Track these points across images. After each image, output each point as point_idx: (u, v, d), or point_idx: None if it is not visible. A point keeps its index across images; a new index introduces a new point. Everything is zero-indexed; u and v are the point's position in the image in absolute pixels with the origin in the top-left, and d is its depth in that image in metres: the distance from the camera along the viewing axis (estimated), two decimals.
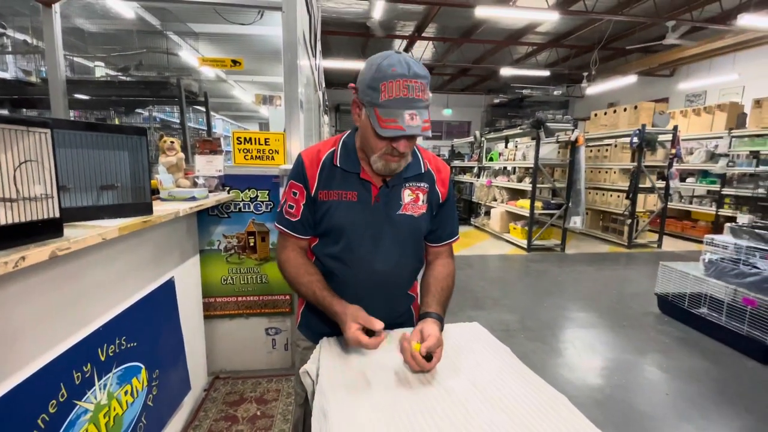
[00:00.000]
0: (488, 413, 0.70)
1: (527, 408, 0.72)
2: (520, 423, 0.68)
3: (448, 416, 0.69)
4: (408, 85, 0.80)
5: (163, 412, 1.48)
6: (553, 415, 0.70)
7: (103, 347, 1.12)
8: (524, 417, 0.69)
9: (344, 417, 0.69)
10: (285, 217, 0.98)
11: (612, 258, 5.21)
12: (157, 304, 1.44)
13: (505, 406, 0.72)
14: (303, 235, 0.99)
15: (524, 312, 3.24)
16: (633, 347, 2.67)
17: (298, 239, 0.99)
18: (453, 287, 1.04)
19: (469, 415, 0.70)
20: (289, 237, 0.99)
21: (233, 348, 2.10)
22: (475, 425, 0.67)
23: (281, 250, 1.01)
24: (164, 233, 1.53)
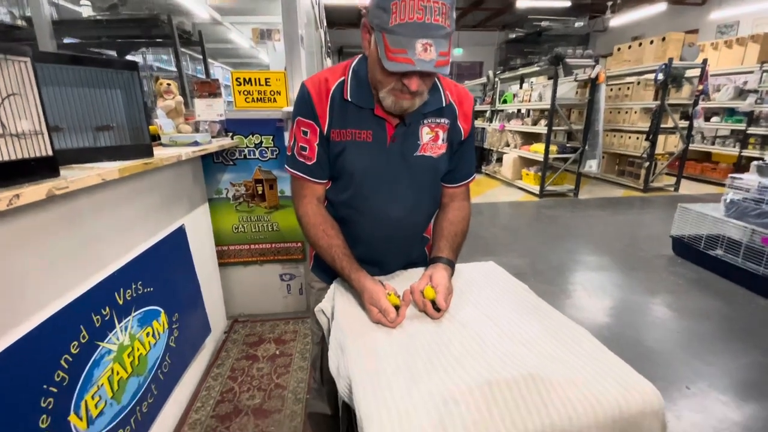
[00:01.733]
0: (506, 345, 0.69)
1: (547, 341, 0.70)
2: (540, 354, 0.67)
3: (465, 348, 0.68)
4: (425, 5, 0.66)
5: (186, 353, 1.54)
6: (575, 348, 0.68)
7: (120, 291, 1.13)
8: (544, 349, 0.68)
9: (361, 349, 0.68)
10: (299, 161, 0.89)
11: (626, 202, 5.11)
12: (170, 251, 1.45)
13: (525, 340, 0.71)
14: (321, 179, 0.91)
15: (535, 256, 3.24)
16: (644, 288, 2.67)
17: (316, 184, 0.92)
18: (467, 231, 0.99)
19: (486, 346, 0.69)
20: (306, 183, 0.91)
21: (250, 293, 2.16)
22: (492, 356, 0.66)
23: (298, 201, 0.94)
24: (170, 180, 1.50)
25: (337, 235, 0.89)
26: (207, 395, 1.63)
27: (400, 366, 0.64)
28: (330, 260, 0.87)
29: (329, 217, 0.92)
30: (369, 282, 0.81)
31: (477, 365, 0.63)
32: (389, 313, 0.74)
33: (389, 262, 0.98)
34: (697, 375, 1.80)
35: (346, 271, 0.84)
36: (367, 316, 0.78)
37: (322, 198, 0.95)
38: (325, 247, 0.87)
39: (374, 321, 0.77)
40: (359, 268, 0.84)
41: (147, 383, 1.24)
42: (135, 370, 1.18)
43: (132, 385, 1.16)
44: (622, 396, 0.58)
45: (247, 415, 1.52)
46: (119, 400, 1.10)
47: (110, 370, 1.07)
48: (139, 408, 1.19)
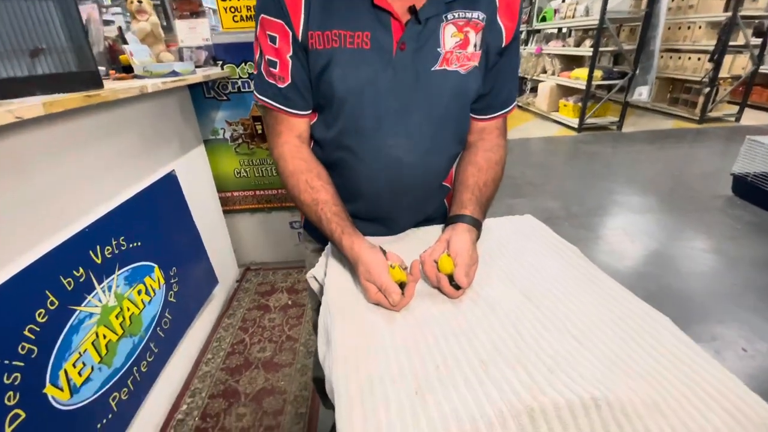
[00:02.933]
0: (553, 341, 0.49)
1: (611, 335, 0.50)
2: (602, 357, 0.47)
3: (494, 344, 0.49)
4: None
5: (190, 306, 1.46)
6: (654, 347, 0.48)
7: (96, 249, 1.00)
8: (609, 348, 0.48)
9: (350, 343, 0.51)
10: (268, 82, 0.66)
11: (678, 135, 4.55)
12: (160, 200, 1.30)
13: (579, 332, 0.51)
14: (301, 108, 0.68)
15: (570, 198, 2.94)
16: (696, 233, 2.38)
17: (294, 117, 0.68)
18: (500, 181, 0.74)
19: (525, 344, 0.49)
20: (280, 115, 0.68)
21: (260, 242, 2.05)
22: (534, 360, 0.47)
23: (272, 140, 0.71)
24: (151, 118, 1.30)
25: (324, 188, 0.67)
26: (218, 347, 1.58)
27: (404, 371, 0.46)
28: (315, 220, 0.66)
29: (314, 163, 0.70)
30: (365, 250, 0.60)
31: (512, 376, 0.44)
32: (391, 294, 0.55)
33: (397, 219, 0.77)
34: (756, 334, 1.58)
35: (336, 235, 0.63)
36: (363, 295, 0.60)
37: (306, 135, 0.72)
38: (308, 203, 0.66)
39: (372, 302, 0.58)
40: (353, 232, 0.63)
41: (144, 343, 1.16)
42: (127, 331, 1.09)
43: (125, 346, 1.08)
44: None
45: (257, 368, 1.47)
46: (110, 363, 1.02)
47: (94, 334, 0.97)
48: (137, 368, 1.12)
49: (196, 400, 1.35)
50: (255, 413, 1.29)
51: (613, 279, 0.62)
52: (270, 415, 1.28)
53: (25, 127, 0.80)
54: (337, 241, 0.63)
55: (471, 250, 0.60)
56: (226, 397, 1.36)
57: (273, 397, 1.35)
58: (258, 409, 1.31)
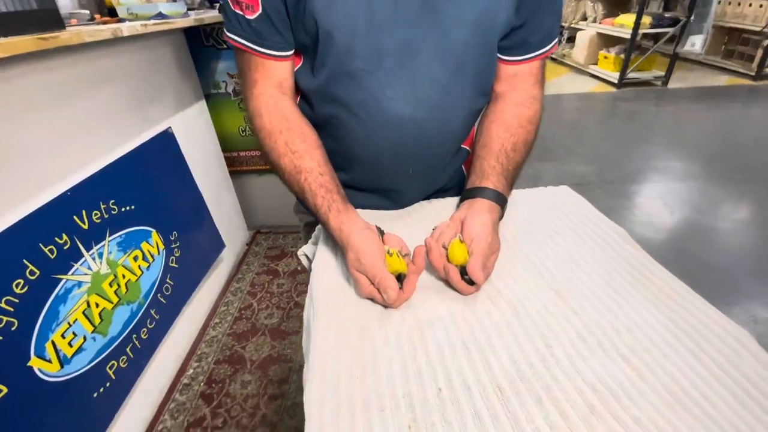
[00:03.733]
0: (593, 359, 0.38)
1: (673, 356, 0.38)
2: (662, 386, 0.35)
3: (512, 359, 0.38)
4: None
5: (195, 272, 1.41)
6: (729, 374, 0.36)
7: (82, 214, 0.92)
8: (668, 374, 0.36)
9: (332, 352, 0.41)
10: (234, 13, 0.52)
11: (731, 93, 4.09)
12: (155, 160, 1.21)
13: (629, 349, 0.39)
14: (277, 48, 0.54)
15: (604, 162, 2.70)
16: (746, 205, 2.15)
17: (270, 60, 0.55)
18: (533, 144, 0.59)
19: (554, 359, 0.38)
20: (253, 58, 0.55)
21: (270, 204, 1.97)
22: (565, 382, 0.35)
23: (246, 90, 0.58)
24: (140, 68, 1.18)
25: (309, 152, 0.54)
26: (225, 311, 1.55)
27: (397, 395, 0.36)
28: (298, 192, 0.55)
29: (298, 119, 0.56)
30: (357, 232, 0.48)
31: (537, 413, 0.33)
32: (386, 288, 0.44)
33: (402, 191, 0.64)
34: None
35: (321, 212, 0.52)
36: (354, 288, 0.49)
37: (288, 84, 0.58)
38: (289, 171, 0.54)
39: (364, 296, 0.47)
40: (343, 208, 0.51)
41: (144, 309, 1.12)
42: (123, 299, 1.04)
43: (122, 314, 1.04)
44: None
45: (264, 335, 1.43)
46: (105, 332, 0.98)
47: (84, 303, 0.92)
48: (136, 336, 1.08)
49: (202, 364, 1.34)
50: (260, 381, 1.27)
51: (677, 279, 0.48)
52: (275, 384, 1.26)
53: None
54: (323, 220, 0.52)
55: (491, 236, 0.48)
56: (231, 363, 1.34)
57: (279, 366, 1.32)
58: (263, 377, 1.28)
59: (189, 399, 1.22)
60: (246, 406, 1.19)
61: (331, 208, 0.51)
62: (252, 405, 1.20)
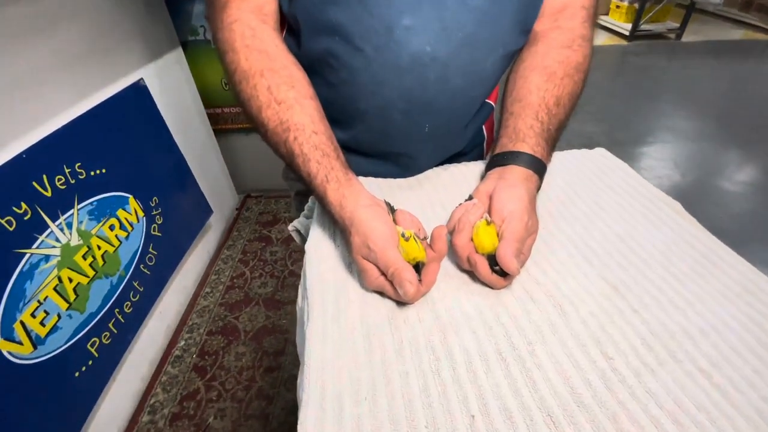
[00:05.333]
0: (666, 376, 0.30)
1: (763, 369, 0.30)
2: (755, 411, 0.27)
3: (562, 374, 0.30)
4: None
5: (180, 239, 1.32)
6: None
7: (42, 179, 0.81)
8: (759, 393, 0.28)
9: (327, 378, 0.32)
10: None
11: (747, 47, 3.86)
12: (125, 117, 1.07)
13: (708, 361, 0.31)
14: None
15: (614, 121, 2.57)
16: (761, 167, 2.06)
17: None
18: (579, 98, 0.48)
19: (616, 376, 0.30)
20: None
21: (259, 166, 1.84)
22: (632, 405, 0.28)
23: (214, 16, 0.44)
24: (102, 10, 1.01)
25: (299, 102, 0.42)
26: (217, 280, 1.48)
27: (418, 428, 0.28)
28: (286, 155, 0.43)
29: (284, 56, 0.44)
30: (363, 209, 0.38)
31: None
32: (403, 281, 0.33)
33: (414, 154, 0.53)
34: None
35: (316, 182, 0.40)
36: (358, 277, 0.40)
37: (270, 9, 0.45)
38: (272, 127, 0.42)
39: (373, 288, 0.38)
40: (345, 176, 0.40)
41: (125, 282, 1.03)
42: (101, 272, 0.95)
43: (100, 288, 0.95)
44: None
45: (257, 305, 1.37)
46: (82, 309, 0.90)
47: (55, 279, 0.83)
48: (119, 310, 1.01)
49: (194, 336, 1.28)
50: (255, 353, 1.22)
51: (746, 262, 0.40)
52: (270, 356, 1.21)
53: None
54: (318, 193, 0.41)
55: (527, 213, 0.38)
56: (225, 334, 1.28)
57: (274, 337, 1.26)
58: (258, 348, 1.23)
59: (181, 372, 1.18)
60: (241, 379, 1.15)
61: (329, 178, 0.40)
62: (247, 377, 1.15)
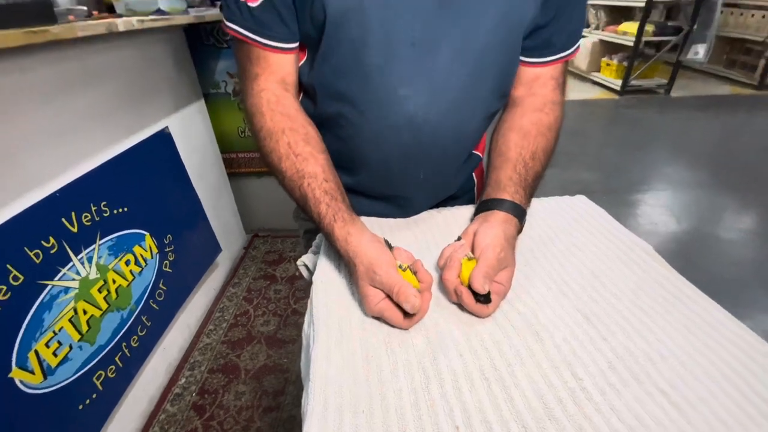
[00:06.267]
0: (629, 396, 0.34)
1: (717, 392, 0.34)
2: (708, 426, 0.31)
3: (537, 393, 0.34)
4: None
5: (189, 276, 1.37)
6: None
7: (71, 216, 0.88)
8: (716, 415, 0.32)
9: (330, 393, 0.36)
10: (234, 2, 0.48)
11: (734, 102, 4.07)
12: (150, 161, 1.16)
13: (669, 384, 0.35)
14: (280, 39, 0.50)
15: (608, 169, 2.67)
16: (754, 214, 2.11)
17: (274, 53, 0.50)
18: (552, 153, 0.56)
19: (585, 395, 0.34)
20: (254, 49, 0.50)
21: (268, 207, 1.92)
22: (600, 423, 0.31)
23: (245, 86, 0.53)
24: (138, 68, 1.14)
25: (313, 156, 0.50)
26: (220, 317, 1.50)
27: None
28: (299, 199, 0.50)
29: (302, 119, 0.52)
30: (366, 244, 0.44)
31: None
32: (408, 297, 0.39)
33: (410, 197, 0.60)
34: None
35: (325, 221, 0.47)
36: (359, 305, 0.45)
37: (291, 80, 0.54)
38: (290, 175, 0.49)
39: (373, 314, 0.43)
40: (350, 218, 0.47)
41: (134, 316, 1.07)
42: (113, 305, 1.00)
43: (111, 321, 0.99)
44: None
45: (259, 343, 1.38)
46: (92, 341, 0.93)
47: (71, 310, 0.88)
48: (126, 344, 1.04)
49: (195, 373, 1.29)
50: (255, 392, 1.22)
51: (710, 299, 0.45)
52: (270, 396, 1.21)
53: None
54: (327, 230, 0.47)
55: (500, 247, 0.43)
56: (225, 372, 1.29)
57: (274, 376, 1.27)
58: (258, 387, 1.23)
59: (180, 410, 1.17)
60: (240, 419, 1.14)
61: (336, 218, 0.46)
62: (246, 417, 1.15)
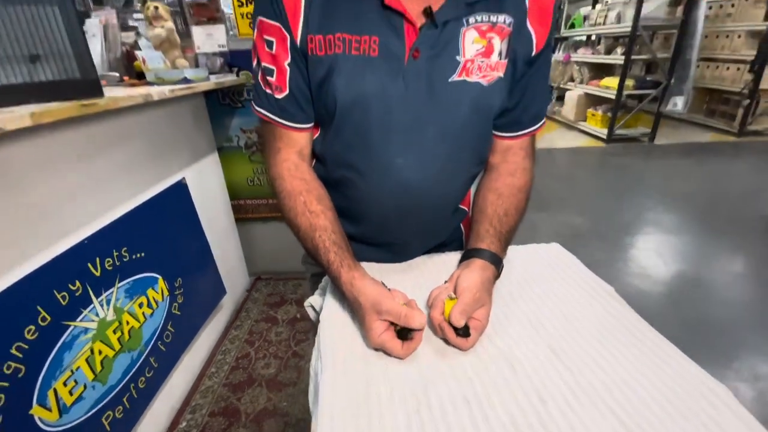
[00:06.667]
0: (584, 415, 0.41)
1: (658, 411, 0.41)
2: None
3: (509, 414, 0.41)
4: None
5: (195, 319, 1.42)
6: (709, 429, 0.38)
7: (96, 261, 0.96)
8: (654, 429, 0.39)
9: (335, 413, 0.43)
10: (264, 92, 0.60)
11: (716, 149, 4.29)
12: (168, 209, 1.26)
13: (618, 404, 0.42)
14: (300, 121, 0.62)
15: (597, 214, 2.79)
16: (736, 256, 2.20)
17: (293, 131, 0.62)
18: (525, 210, 0.66)
19: (548, 414, 0.41)
20: (278, 129, 0.62)
21: (271, 251, 2.00)
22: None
23: (270, 157, 0.64)
24: (162, 125, 1.27)
25: (324, 213, 0.60)
26: (222, 360, 1.53)
27: None
28: (311, 249, 0.59)
29: (315, 183, 0.63)
30: (368, 285, 0.53)
31: None
32: (414, 318, 0.48)
33: (406, 245, 0.70)
34: None
35: (334, 267, 0.56)
36: (364, 339, 0.52)
37: (307, 151, 0.65)
38: (305, 228, 0.60)
39: (375, 345, 0.51)
40: (354, 265, 0.56)
41: (143, 358, 1.12)
42: (125, 347, 1.05)
43: (122, 362, 1.04)
44: None
45: (260, 386, 1.41)
46: (104, 381, 0.98)
47: (89, 350, 0.93)
48: (134, 385, 1.07)
49: (196, 417, 1.30)
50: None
51: (661, 335, 0.52)
52: None
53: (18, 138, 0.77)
54: (334, 275, 0.56)
55: (476, 288, 0.52)
56: (226, 415, 1.31)
57: (274, 419, 1.28)
58: (258, 431, 1.25)
59: None
60: None
61: (342, 264, 0.55)
62: None
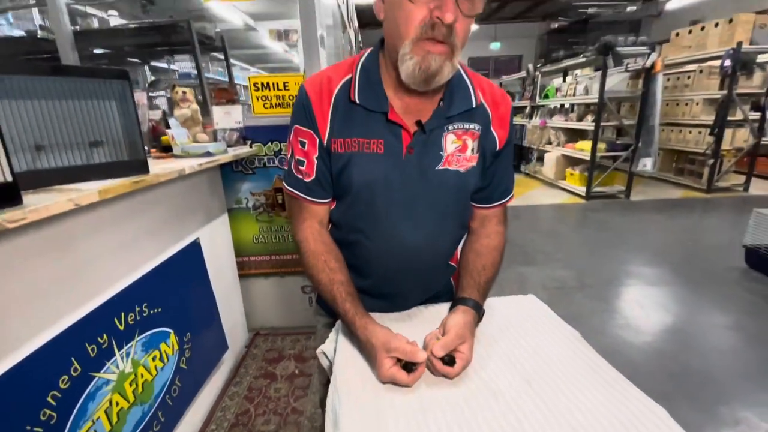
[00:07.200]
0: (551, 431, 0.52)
1: (606, 425, 0.52)
2: None
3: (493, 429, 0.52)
4: None
5: (200, 373, 1.47)
6: None
7: (121, 316, 1.06)
8: None
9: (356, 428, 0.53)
10: (296, 176, 0.78)
11: (687, 205, 4.60)
12: (183, 267, 1.37)
13: (577, 421, 0.53)
14: (322, 198, 0.79)
15: (582, 267, 2.94)
16: (713, 307, 2.33)
17: (316, 205, 0.79)
18: (500, 264, 0.81)
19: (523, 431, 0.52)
20: (304, 204, 0.79)
21: (271, 306, 2.08)
22: None
23: (296, 224, 0.81)
24: (182, 192, 1.43)
25: (340, 270, 0.75)
26: (222, 417, 1.55)
27: None
28: (330, 299, 0.73)
29: (333, 246, 0.79)
30: (379, 329, 0.66)
31: None
32: (416, 353, 0.61)
33: (405, 296, 0.84)
34: None
35: (349, 315, 0.70)
36: (374, 375, 0.63)
37: (326, 220, 0.82)
38: (325, 282, 0.74)
39: (385, 379, 0.62)
40: (365, 314, 0.70)
41: (153, 411, 1.17)
42: (138, 399, 1.11)
43: (134, 415, 1.09)
44: None
45: None
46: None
47: (108, 401, 0.99)
48: None
49: None
50: None
51: (614, 369, 0.64)
52: None
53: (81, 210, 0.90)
54: (350, 321, 0.69)
55: (459, 328, 0.65)
56: None
57: None
58: None
59: None
60: None
61: (357, 312, 0.69)
62: None
